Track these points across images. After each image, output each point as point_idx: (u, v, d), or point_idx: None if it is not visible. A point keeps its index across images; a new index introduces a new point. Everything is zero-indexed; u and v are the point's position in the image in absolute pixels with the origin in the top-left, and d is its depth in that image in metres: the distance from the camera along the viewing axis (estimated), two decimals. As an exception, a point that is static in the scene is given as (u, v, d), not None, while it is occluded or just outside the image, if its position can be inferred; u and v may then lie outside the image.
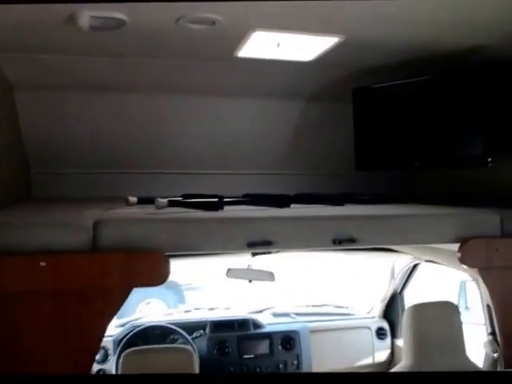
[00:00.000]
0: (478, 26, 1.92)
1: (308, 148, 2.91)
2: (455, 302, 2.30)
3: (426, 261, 2.81)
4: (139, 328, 2.85)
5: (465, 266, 1.87)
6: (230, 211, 1.89)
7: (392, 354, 3.21)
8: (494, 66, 2.13)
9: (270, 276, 2.77)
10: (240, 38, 2.01)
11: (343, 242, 1.71)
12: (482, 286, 1.99)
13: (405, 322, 2.09)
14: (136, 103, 2.61)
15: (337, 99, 2.71)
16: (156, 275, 1.52)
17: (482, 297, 2.13)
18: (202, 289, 7.16)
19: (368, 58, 2.28)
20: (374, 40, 2.04)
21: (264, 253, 2.51)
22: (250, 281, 2.82)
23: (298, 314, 3.24)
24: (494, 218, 1.91)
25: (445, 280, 4.00)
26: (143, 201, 1.94)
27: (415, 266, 3.00)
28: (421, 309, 2.02)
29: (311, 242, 1.75)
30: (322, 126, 2.86)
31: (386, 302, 3.23)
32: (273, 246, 1.66)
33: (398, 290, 3.17)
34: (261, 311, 3.28)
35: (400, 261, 3.02)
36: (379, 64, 2.35)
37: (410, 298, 3.17)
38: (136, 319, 3.08)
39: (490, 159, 2.17)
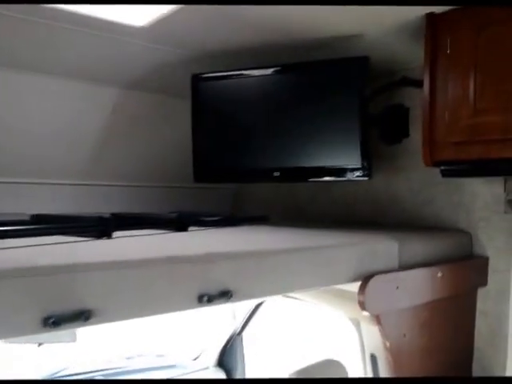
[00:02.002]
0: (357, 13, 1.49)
1: (131, 152, 2.16)
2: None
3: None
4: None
5: (366, 313, 1.38)
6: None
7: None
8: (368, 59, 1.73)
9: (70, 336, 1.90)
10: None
11: (214, 298, 1.05)
12: (370, 332, 1.56)
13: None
14: None
15: (170, 91, 2.05)
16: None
17: (362, 345, 1.69)
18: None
19: (218, 36, 1.67)
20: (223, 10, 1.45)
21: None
22: (39, 345, 1.91)
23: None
24: (392, 246, 1.49)
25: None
26: None
27: (260, 303, 2.45)
28: (306, 373, 1.47)
29: (166, 302, 1.04)
30: (153, 124, 2.14)
31: (221, 346, 2.62)
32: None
33: (237, 332, 2.59)
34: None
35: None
36: (231, 46, 1.76)
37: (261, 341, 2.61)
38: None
39: (368, 171, 1.75)
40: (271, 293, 1.21)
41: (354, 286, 1.38)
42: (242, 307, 2.48)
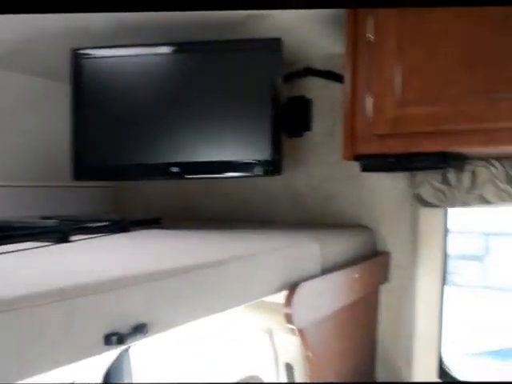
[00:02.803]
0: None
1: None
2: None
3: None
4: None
5: (292, 326, 1.22)
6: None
7: None
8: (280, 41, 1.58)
9: None
10: None
11: (126, 336, 0.78)
12: (285, 341, 1.43)
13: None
14: None
15: (42, 72, 1.68)
16: None
17: (276, 355, 1.55)
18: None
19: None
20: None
21: None
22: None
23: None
24: (314, 249, 1.36)
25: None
26: None
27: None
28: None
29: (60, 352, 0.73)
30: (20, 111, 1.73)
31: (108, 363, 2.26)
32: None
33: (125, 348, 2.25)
34: None
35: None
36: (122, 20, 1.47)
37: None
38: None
39: (278, 166, 1.60)
40: (193, 318, 0.97)
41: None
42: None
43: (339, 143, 1.81)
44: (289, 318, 1.20)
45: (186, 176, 1.60)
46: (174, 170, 1.59)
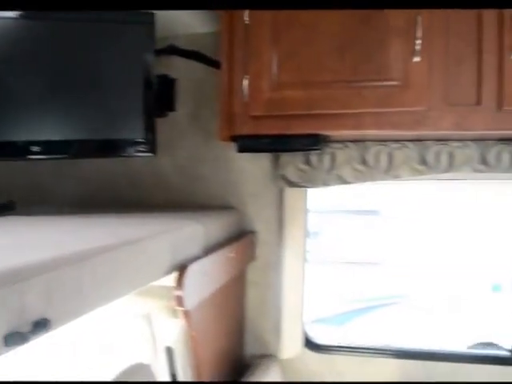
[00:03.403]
0: None
1: None
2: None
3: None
4: None
5: (182, 308, 1.21)
6: None
7: None
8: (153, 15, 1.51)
9: None
10: None
11: (27, 334, 0.69)
12: (165, 324, 1.42)
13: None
14: None
15: None
16: None
17: (154, 339, 1.51)
18: None
19: None
20: None
21: None
22: None
23: None
24: (198, 231, 1.36)
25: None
26: None
27: None
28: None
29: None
30: None
31: None
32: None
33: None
34: None
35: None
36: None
37: None
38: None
39: (153, 145, 1.54)
40: (92, 307, 0.90)
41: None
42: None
43: (205, 125, 1.84)
44: (180, 300, 1.18)
45: (49, 156, 1.45)
46: (35, 149, 1.42)
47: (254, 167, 1.83)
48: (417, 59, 1.29)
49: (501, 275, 4.61)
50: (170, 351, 1.48)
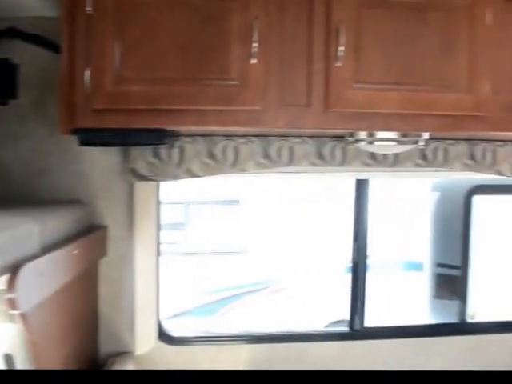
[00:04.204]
0: None
1: None
2: None
3: None
4: None
5: (16, 312, 1.15)
6: None
7: None
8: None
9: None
10: None
11: None
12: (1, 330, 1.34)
13: None
14: None
15: None
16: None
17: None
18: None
19: None
20: None
21: None
22: None
23: None
24: (33, 228, 1.30)
25: None
26: None
27: None
28: None
29: None
30: None
31: None
32: None
33: None
34: None
35: None
36: None
37: None
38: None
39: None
40: None
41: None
42: None
43: (50, 115, 1.75)
44: (12, 303, 1.12)
45: None
46: None
47: (103, 161, 1.79)
48: (254, 61, 1.37)
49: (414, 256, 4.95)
50: (9, 358, 1.40)
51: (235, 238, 5.40)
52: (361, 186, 2.04)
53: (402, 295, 4.86)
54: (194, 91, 1.39)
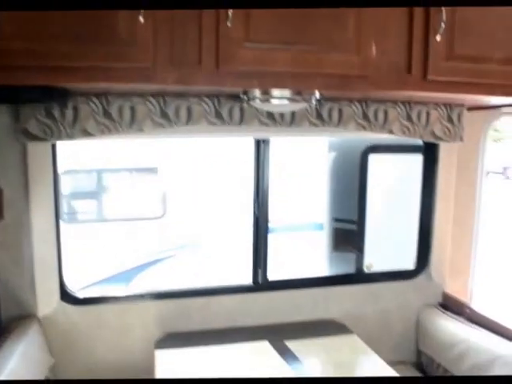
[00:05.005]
0: None
1: None
2: None
3: None
4: None
5: None
6: None
7: None
8: None
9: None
10: None
11: None
12: None
13: None
14: None
15: None
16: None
17: None
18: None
19: None
20: None
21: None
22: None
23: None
24: None
25: None
26: None
27: None
28: None
29: None
30: None
31: None
32: None
33: None
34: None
35: None
36: None
37: None
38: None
39: None
40: None
41: None
42: None
43: None
44: None
45: None
46: None
47: None
48: (141, 19, 1.35)
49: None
50: None
51: (153, 203, 5.35)
52: (260, 145, 2.10)
53: (305, 252, 5.06)
54: (81, 48, 1.35)
